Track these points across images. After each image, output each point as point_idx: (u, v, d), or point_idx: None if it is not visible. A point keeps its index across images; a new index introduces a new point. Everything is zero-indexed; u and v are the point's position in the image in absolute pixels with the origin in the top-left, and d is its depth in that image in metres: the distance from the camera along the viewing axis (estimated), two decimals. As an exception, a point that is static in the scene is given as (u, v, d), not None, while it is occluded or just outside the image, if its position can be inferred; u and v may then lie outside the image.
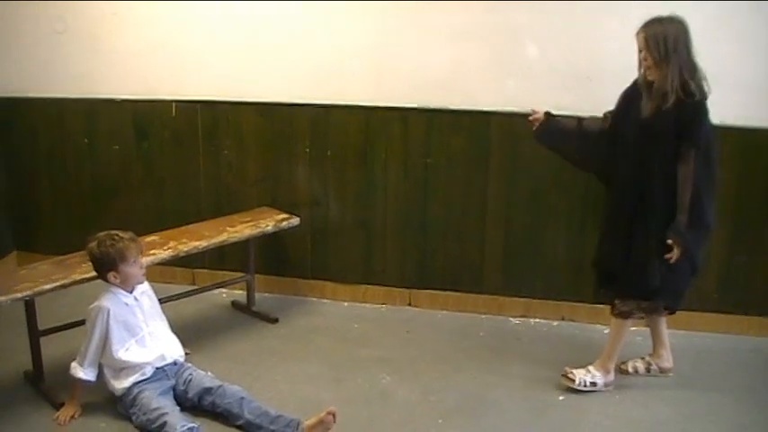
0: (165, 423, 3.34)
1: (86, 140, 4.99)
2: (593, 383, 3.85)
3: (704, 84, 3.47)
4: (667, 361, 4.01)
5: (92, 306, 3.58)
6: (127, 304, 3.61)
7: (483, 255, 4.62)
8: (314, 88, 4.57)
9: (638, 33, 3.54)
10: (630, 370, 4.01)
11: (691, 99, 3.41)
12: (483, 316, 4.63)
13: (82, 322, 3.95)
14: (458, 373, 4.01)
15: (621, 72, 4.11)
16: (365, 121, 4.56)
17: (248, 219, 4.50)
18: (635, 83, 3.69)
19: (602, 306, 4.46)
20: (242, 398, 3.51)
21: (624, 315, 3.79)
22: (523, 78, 4.30)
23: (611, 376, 3.89)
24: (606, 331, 4.40)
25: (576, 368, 3.87)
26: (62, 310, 4.12)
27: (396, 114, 4.51)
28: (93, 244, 3.56)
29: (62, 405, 3.66)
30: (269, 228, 4.44)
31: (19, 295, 3.58)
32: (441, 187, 4.56)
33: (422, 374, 3.99)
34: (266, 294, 4.88)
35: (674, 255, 3.52)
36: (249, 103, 4.69)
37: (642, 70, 3.60)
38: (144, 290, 3.72)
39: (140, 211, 4.92)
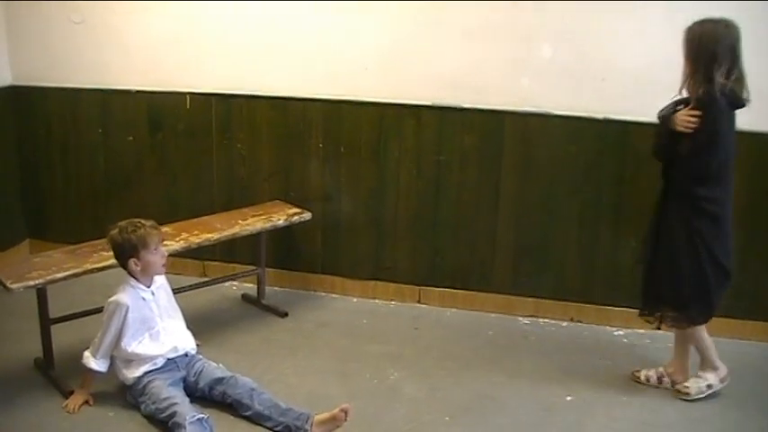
0: (174, 413, 3.35)
1: (100, 131, 5.01)
2: (709, 386, 3.83)
3: (738, 92, 3.42)
4: (682, 374, 3.91)
5: (110, 299, 3.59)
6: (144, 299, 3.62)
7: (493, 253, 4.62)
8: (328, 84, 4.59)
9: None
10: (643, 379, 3.97)
11: (708, 100, 3.38)
12: (492, 315, 4.63)
13: (93, 311, 4.01)
14: (466, 371, 4.01)
15: (636, 73, 4.15)
16: (378, 117, 4.57)
17: (260, 212, 4.52)
18: None
19: (611, 308, 4.50)
20: (252, 389, 3.52)
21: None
22: (537, 78, 4.31)
23: (723, 370, 3.85)
24: (616, 332, 4.44)
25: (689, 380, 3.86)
26: (73, 298, 4.15)
27: (409, 111, 4.51)
28: (115, 231, 3.55)
29: (72, 393, 3.67)
30: (281, 222, 4.45)
31: (31, 283, 3.60)
32: (452, 185, 4.56)
33: (430, 371, 3.99)
34: (276, 288, 4.89)
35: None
36: (263, 97, 4.70)
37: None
38: (161, 284, 3.73)
39: (153, 203, 4.93)
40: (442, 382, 3.90)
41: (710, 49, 3.38)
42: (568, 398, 3.79)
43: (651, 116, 4.12)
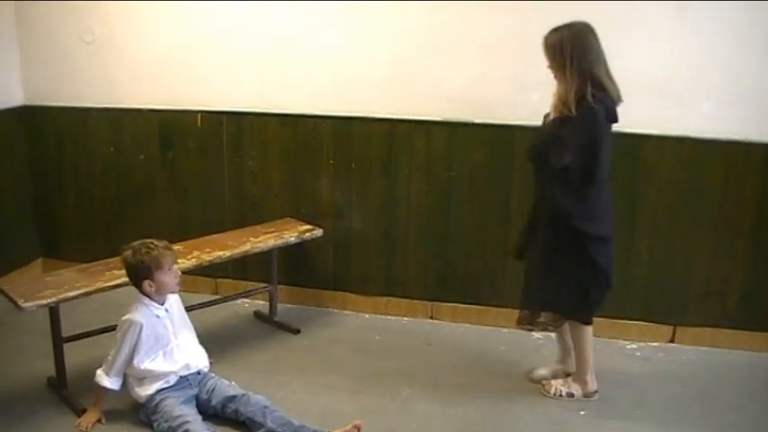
0: (187, 431, 3.35)
1: (112, 149, 5.04)
2: (570, 395, 3.87)
3: (606, 96, 3.45)
4: (572, 366, 3.96)
5: (124, 318, 3.59)
6: (158, 316, 3.62)
7: (505, 268, 4.60)
8: (338, 101, 4.60)
9: None
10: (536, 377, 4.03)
11: (584, 105, 3.40)
12: (504, 329, 4.60)
13: (105, 329, 4.03)
14: (478, 386, 4.00)
15: (647, 85, 4.13)
16: (388, 133, 4.58)
17: (272, 229, 4.52)
18: None
19: (624, 321, 4.47)
20: (265, 407, 3.52)
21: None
22: (547, 93, 4.27)
23: (593, 387, 3.87)
24: (629, 346, 4.42)
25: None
26: (86, 316, 4.16)
27: (419, 127, 4.52)
28: (128, 253, 3.56)
29: (84, 411, 3.67)
30: (292, 239, 4.46)
31: (44, 302, 3.62)
32: (463, 200, 4.56)
33: (442, 387, 3.98)
34: (288, 305, 4.89)
35: None
36: (274, 115, 4.72)
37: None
38: (174, 300, 3.74)
39: (165, 220, 4.95)
40: (454, 398, 3.88)
41: (579, 55, 3.43)
42: (581, 413, 3.77)
43: (663, 128, 4.17)
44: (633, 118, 4.15)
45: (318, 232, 4.55)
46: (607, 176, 3.61)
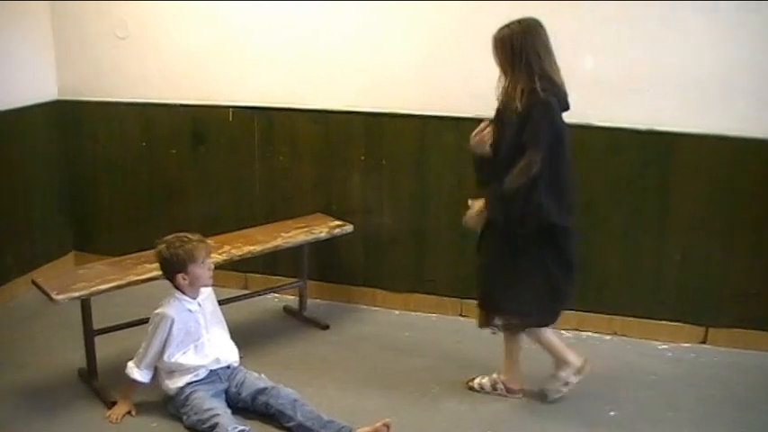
0: (216, 424, 3.36)
1: (144, 144, 5.08)
2: (566, 383, 3.83)
3: (556, 87, 3.44)
4: (515, 382, 3.88)
5: (156, 311, 3.61)
6: (191, 311, 3.64)
7: (535, 266, 4.58)
8: (369, 96, 4.59)
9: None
10: (476, 387, 3.93)
11: (536, 101, 3.35)
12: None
13: (136, 323, 4.06)
14: (507, 384, 3.98)
15: (680, 83, 4.10)
16: (420, 129, 4.57)
17: (302, 225, 4.53)
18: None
19: (655, 321, 4.43)
20: (295, 400, 3.53)
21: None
22: (577, 89, 4.23)
23: (577, 362, 3.82)
24: (660, 346, 4.38)
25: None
26: (117, 309, 4.18)
27: (450, 123, 4.50)
28: (163, 246, 3.58)
29: (114, 403, 3.71)
30: (322, 234, 4.46)
31: (75, 294, 3.66)
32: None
33: (471, 385, 3.97)
34: (318, 300, 4.90)
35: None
36: (305, 110, 4.73)
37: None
38: (207, 294, 3.75)
39: (195, 215, 4.97)
40: (483, 396, 3.87)
41: (528, 51, 3.39)
42: (612, 413, 3.74)
43: (696, 127, 4.12)
44: (667, 116, 4.15)
45: (348, 228, 4.55)
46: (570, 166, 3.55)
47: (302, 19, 4.63)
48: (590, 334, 4.53)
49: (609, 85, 4.23)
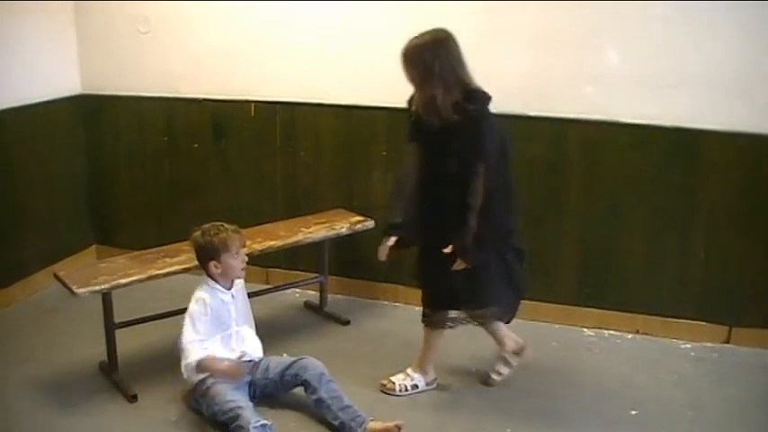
0: (238, 416, 3.34)
1: (166, 138, 5.09)
2: (415, 386, 3.85)
3: (478, 94, 3.42)
4: (515, 343, 3.92)
5: (193, 297, 3.62)
6: (223, 300, 3.64)
7: (558, 264, 4.56)
8: (392, 92, 4.54)
9: None
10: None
11: (468, 115, 3.35)
12: (556, 326, 4.57)
13: (156, 317, 4.08)
14: (528, 382, 3.95)
15: (705, 79, 4.06)
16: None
17: (323, 220, 4.52)
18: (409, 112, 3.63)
19: (678, 320, 4.39)
20: (322, 373, 3.53)
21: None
22: (604, 85, 4.23)
23: (431, 375, 3.88)
24: (682, 345, 4.34)
25: (394, 375, 3.88)
26: (137, 303, 4.19)
27: (473, 119, 4.47)
28: (198, 233, 3.60)
29: (134, 397, 3.73)
30: (344, 230, 4.45)
31: (97, 288, 3.67)
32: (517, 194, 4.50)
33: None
34: (339, 296, 4.89)
35: (457, 264, 3.46)
36: (327, 105, 4.72)
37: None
38: (240, 287, 3.75)
39: (217, 210, 4.94)
40: (503, 394, 3.85)
41: (442, 63, 3.38)
42: (633, 412, 3.70)
43: (721, 124, 4.08)
44: (692, 113, 4.11)
45: (370, 224, 4.53)
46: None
47: (325, 14, 4.62)
48: (612, 332, 4.50)
49: (633, 82, 4.19)
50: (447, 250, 3.43)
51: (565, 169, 4.43)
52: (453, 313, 3.76)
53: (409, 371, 3.88)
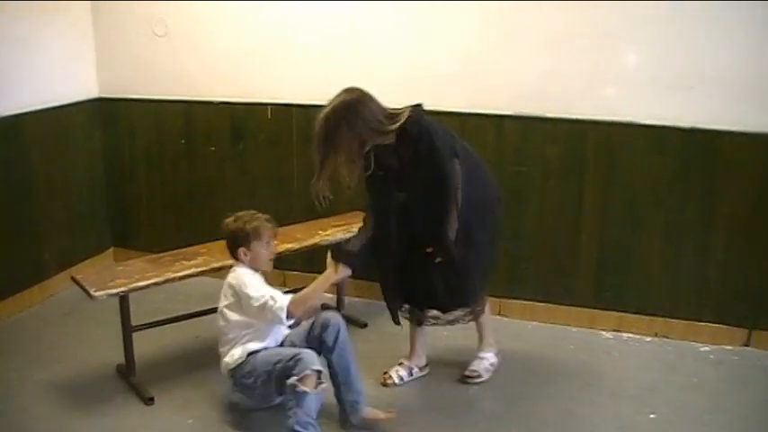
0: (300, 360, 3.28)
1: (183, 141, 5.11)
2: (492, 364, 3.99)
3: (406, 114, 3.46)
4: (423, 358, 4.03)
5: (233, 284, 3.53)
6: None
7: (576, 266, 4.53)
8: (408, 93, 4.52)
9: None
10: (396, 380, 3.94)
11: (410, 135, 3.40)
12: (574, 329, 4.54)
13: (173, 320, 4.11)
14: (545, 385, 3.93)
15: (724, 80, 4.03)
16: (459, 127, 4.49)
17: (340, 222, 4.51)
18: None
19: (697, 323, 4.36)
20: (339, 331, 3.52)
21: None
22: (622, 86, 4.21)
23: (495, 346, 4.02)
24: (702, 348, 4.31)
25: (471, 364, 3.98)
26: (155, 306, 4.22)
27: (490, 121, 4.46)
28: (230, 219, 3.61)
29: (151, 399, 3.74)
30: (361, 232, 4.44)
31: (114, 291, 3.68)
32: (534, 196, 4.49)
33: (508, 386, 3.92)
34: (356, 299, 4.88)
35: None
36: (343, 108, 4.70)
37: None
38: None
39: (234, 212, 4.95)
40: (521, 397, 3.83)
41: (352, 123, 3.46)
42: (651, 416, 3.67)
43: (740, 125, 4.04)
44: (710, 114, 4.08)
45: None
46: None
47: (342, 17, 4.62)
48: (631, 335, 4.46)
49: (651, 83, 4.16)
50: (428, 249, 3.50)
51: (582, 171, 4.40)
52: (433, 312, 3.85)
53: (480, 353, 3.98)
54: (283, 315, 3.38)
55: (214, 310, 4.13)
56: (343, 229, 4.42)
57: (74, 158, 5.11)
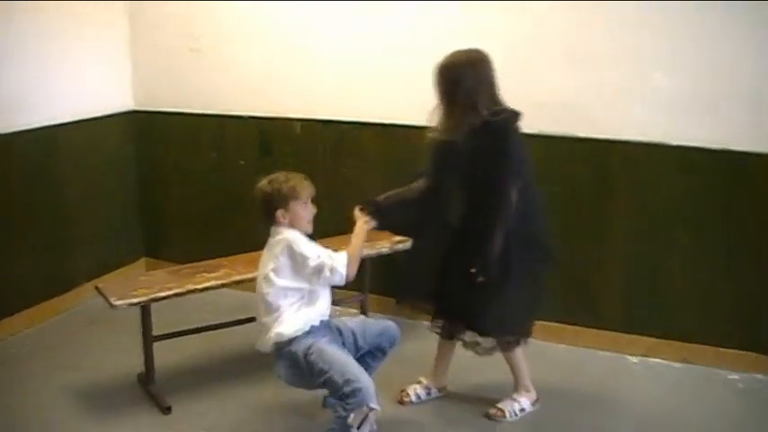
0: (357, 390, 3.14)
1: (214, 155, 5.17)
2: (523, 409, 3.80)
3: (503, 111, 3.43)
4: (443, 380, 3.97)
5: (284, 246, 3.30)
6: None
7: (603, 288, 4.46)
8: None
9: None
10: (413, 399, 3.91)
11: (490, 128, 3.34)
12: (600, 352, 4.45)
13: (193, 330, 4.13)
14: (569, 409, 3.86)
15: (754, 102, 3.94)
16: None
17: (366, 239, 4.48)
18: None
19: (727, 350, 4.25)
20: (392, 344, 3.56)
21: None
22: (650, 106, 4.15)
23: (533, 394, 3.84)
24: (730, 376, 4.20)
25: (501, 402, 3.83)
26: (181, 316, 4.24)
27: (518, 140, 4.42)
28: (264, 182, 3.38)
29: (168, 409, 3.77)
30: (384, 249, 4.43)
31: (134, 300, 3.73)
32: (560, 216, 4.41)
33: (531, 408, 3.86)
34: (380, 315, 4.85)
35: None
36: (371, 124, 4.73)
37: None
38: None
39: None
40: (543, 420, 3.77)
41: (470, 83, 3.38)
42: (674, 444, 3.59)
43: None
44: (738, 135, 4.03)
45: (410, 244, 4.50)
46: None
47: (372, 35, 4.65)
48: (658, 361, 4.36)
49: (680, 103, 4.10)
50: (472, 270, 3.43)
51: (610, 191, 4.34)
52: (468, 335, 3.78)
53: (514, 395, 3.83)
54: (344, 271, 3.31)
55: (239, 323, 4.20)
56: (368, 244, 4.36)
57: (107, 169, 5.19)
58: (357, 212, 3.60)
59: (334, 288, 4.06)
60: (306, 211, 3.40)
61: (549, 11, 4.23)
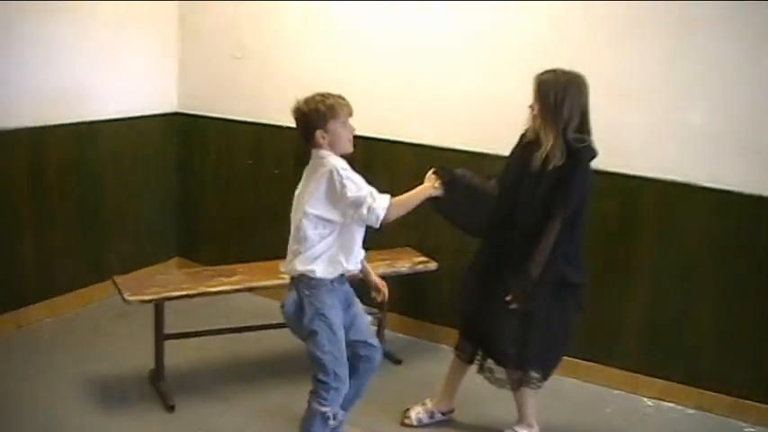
0: (336, 389, 3.23)
1: (251, 162, 5.23)
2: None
3: (589, 145, 3.41)
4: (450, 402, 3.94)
5: (325, 172, 3.22)
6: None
7: (622, 326, 4.38)
8: (468, 135, 4.54)
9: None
10: (414, 422, 3.88)
11: (572, 160, 3.29)
12: (614, 391, 4.37)
13: (205, 332, 4.18)
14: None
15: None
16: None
17: (386, 257, 4.49)
18: (523, 135, 3.54)
19: (746, 401, 4.13)
20: (370, 373, 3.51)
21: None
22: (684, 145, 4.07)
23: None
24: (746, 429, 4.08)
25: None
26: (202, 318, 4.34)
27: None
28: (301, 102, 3.24)
29: (172, 407, 3.83)
30: (404, 269, 4.43)
31: (146, 297, 3.82)
32: (586, 249, 4.35)
33: (540, 441, 3.80)
34: (398, 334, 4.85)
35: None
36: (405, 143, 4.74)
37: (532, 120, 3.46)
38: None
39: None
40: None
41: (569, 103, 3.35)
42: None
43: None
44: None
45: (432, 266, 4.49)
46: None
47: (412, 52, 4.66)
48: (672, 405, 4.26)
49: (715, 144, 4.02)
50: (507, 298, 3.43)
51: (637, 229, 4.27)
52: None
53: (516, 428, 3.79)
54: (383, 214, 3.22)
55: (257, 328, 4.26)
56: (387, 263, 4.41)
57: (147, 167, 5.31)
58: (430, 174, 3.55)
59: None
60: (345, 130, 3.27)
61: (590, 44, 4.21)
